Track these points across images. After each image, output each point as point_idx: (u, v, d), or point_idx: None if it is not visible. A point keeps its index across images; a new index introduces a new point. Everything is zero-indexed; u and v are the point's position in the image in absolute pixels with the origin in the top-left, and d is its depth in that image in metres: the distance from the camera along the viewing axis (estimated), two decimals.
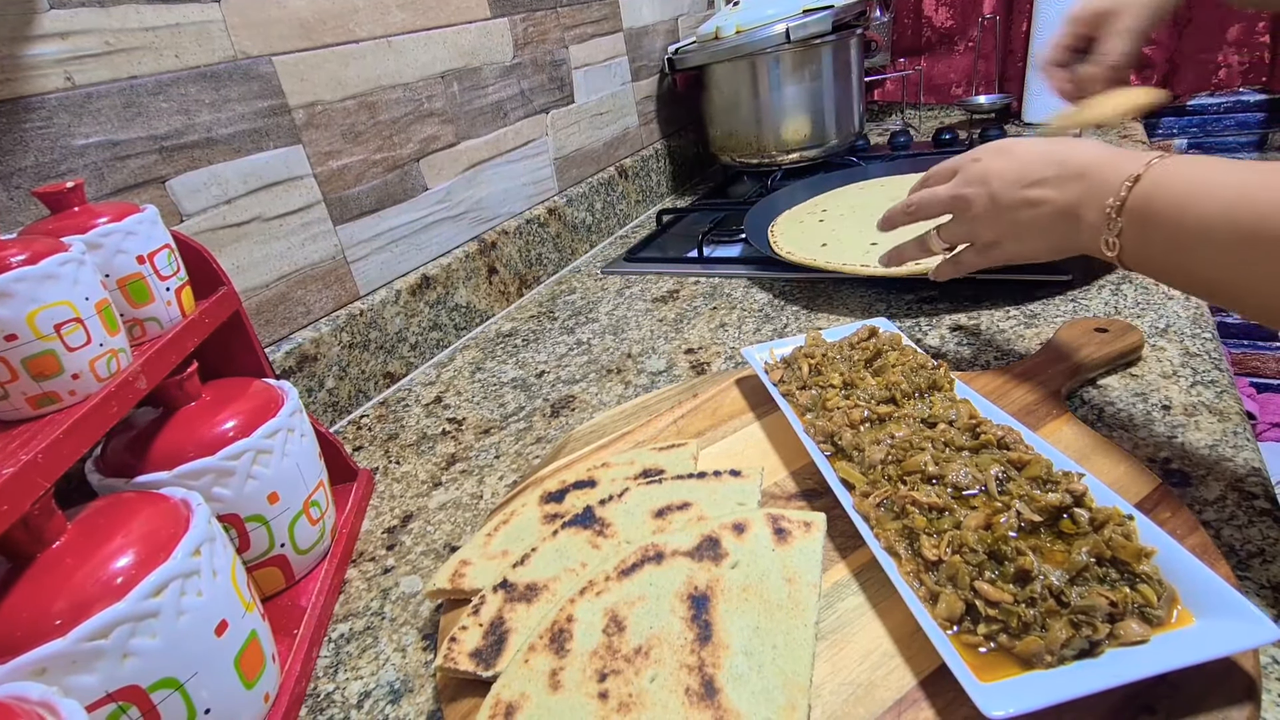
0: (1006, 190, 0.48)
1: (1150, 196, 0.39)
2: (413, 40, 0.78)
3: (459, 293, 0.84)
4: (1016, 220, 0.48)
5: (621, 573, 0.39)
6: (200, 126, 0.59)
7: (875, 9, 1.38)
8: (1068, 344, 0.55)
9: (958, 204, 0.52)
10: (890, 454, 0.42)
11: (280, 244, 0.66)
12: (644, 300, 0.85)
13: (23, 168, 0.49)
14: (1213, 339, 0.56)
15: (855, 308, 0.73)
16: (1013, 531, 0.35)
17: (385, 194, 0.76)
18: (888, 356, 0.52)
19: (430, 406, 0.71)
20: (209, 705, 0.34)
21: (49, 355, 0.35)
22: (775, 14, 1.10)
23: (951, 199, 0.52)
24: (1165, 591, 0.32)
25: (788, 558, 0.38)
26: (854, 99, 1.21)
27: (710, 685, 0.33)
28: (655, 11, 1.24)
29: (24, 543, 0.32)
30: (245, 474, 0.44)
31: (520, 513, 0.48)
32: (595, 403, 0.66)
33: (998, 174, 0.49)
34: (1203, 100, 1.43)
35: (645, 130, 1.25)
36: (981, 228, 0.51)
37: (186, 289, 0.48)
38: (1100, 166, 0.42)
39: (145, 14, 0.55)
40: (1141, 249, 0.40)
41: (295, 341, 0.66)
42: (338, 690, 0.42)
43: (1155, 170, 0.39)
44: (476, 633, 0.38)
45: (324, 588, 0.48)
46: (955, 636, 0.32)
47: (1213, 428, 0.47)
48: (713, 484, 0.46)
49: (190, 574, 0.34)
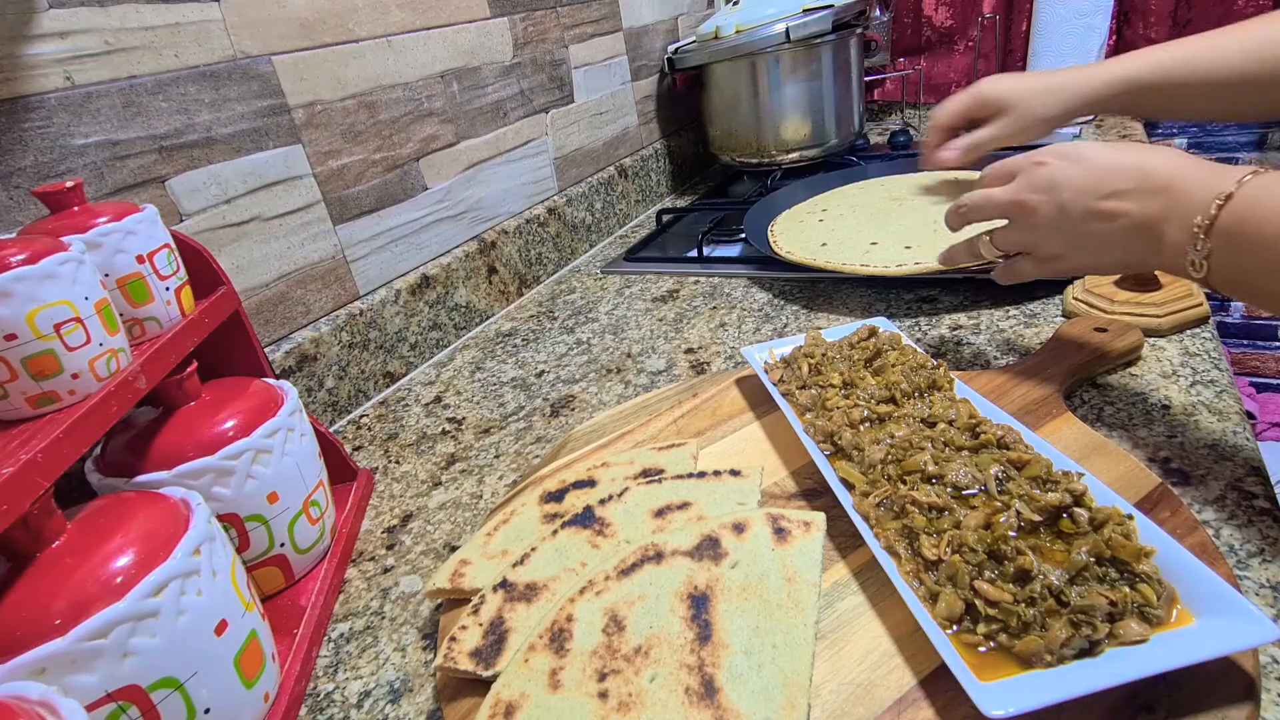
0: (1078, 200, 0.44)
1: (1244, 217, 0.37)
2: (412, 40, 0.78)
3: (459, 292, 0.84)
4: (1087, 233, 0.45)
5: (621, 572, 0.39)
6: (200, 126, 0.59)
7: (875, 8, 1.38)
8: (1067, 344, 0.55)
9: (1018, 210, 0.48)
10: (890, 453, 0.42)
11: (280, 244, 0.66)
12: (644, 300, 0.85)
13: (22, 167, 0.49)
14: (1212, 339, 0.56)
15: (855, 307, 0.73)
16: (1012, 531, 0.35)
17: (385, 194, 0.76)
18: (887, 356, 0.52)
19: (430, 406, 0.71)
20: (209, 705, 0.34)
21: (48, 355, 0.35)
22: (775, 13, 1.10)
23: (1011, 204, 0.48)
24: (1165, 591, 0.32)
25: (787, 557, 0.38)
26: (854, 99, 1.21)
27: (710, 685, 0.33)
28: (655, 11, 1.24)
29: (24, 542, 0.32)
30: (245, 473, 0.44)
31: (520, 512, 0.48)
32: (595, 402, 0.66)
33: (1068, 182, 0.45)
34: None
35: (645, 130, 1.25)
36: (1045, 238, 0.47)
37: (186, 289, 0.48)
38: (1187, 181, 0.40)
39: (145, 13, 0.55)
40: (1232, 271, 0.38)
41: (295, 341, 0.66)
42: (337, 690, 0.42)
43: (1250, 187, 0.37)
44: (476, 632, 0.38)
45: (324, 587, 0.48)
46: (955, 636, 0.32)
47: (1212, 427, 0.47)
48: (712, 484, 0.46)
49: (190, 573, 0.34)
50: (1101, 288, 0.61)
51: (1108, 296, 0.60)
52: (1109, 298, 0.60)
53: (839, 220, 0.86)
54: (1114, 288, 0.60)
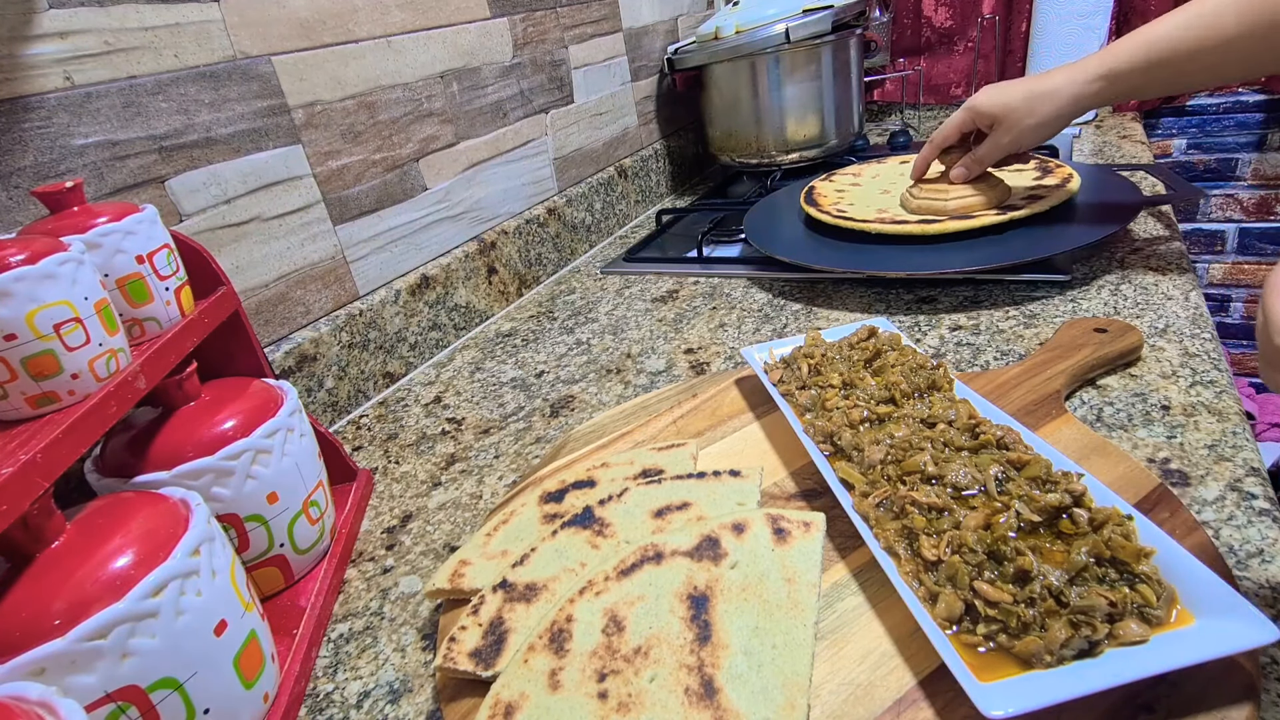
0: None
1: None
2: (412, 40, 0.78)
3: (458, 293, 0.84)
4: None
5: (621, 573, 0.39)
6: (199, 126, 0.59)
7: (875, 9, 1.38)
8: (1067, 344, 0.55)
9: None
10: (890, 454, 0.42)
11: (279, 244, 0.66)
12: (643, 300, 0.85)
13: (22, 167, 0.49)
14: (1212, 339, 0.56)
15: (855, 308, 0.73)
16: (1012, 531, 0.35)
17: (385, 194, 0.76)
18: (887, 356, 0.52)
19: (430, 406, 0.71)
20: (208, 705, 0.34)
21: (48, 355, 0.35)
22: (775, 14, 1.10)
23: None
24: (1164, 591, 0.32)
25: (787, 558, 0.38)
26: (853, 99, 1.21)
27: (710, 685, 0.33)
28: (655, 11, 1.24)
29: (23, 542, 0.32)
30: (244, 474, 0.44)
31: (520, 513, 0.48)
32: (595, 403, 0.66)
33: None
34: (1202, 100, 1.43)
35: (645, 130, 1.25)
36: None
37: (186, 289, 0.48)
38: None
39: (144, 13, 0.55)
40: None
41: (295, 341, 0.66)
42: (337, 690, 0.42)
43: None
44: (476, 632, 0.38)
45: (323, 588, 0.48)
46: (954, 636, 0.32)
47: (1212, 428, 0.47)
48: (712, 484, 0.46)
49: (189, 574, 0.34)
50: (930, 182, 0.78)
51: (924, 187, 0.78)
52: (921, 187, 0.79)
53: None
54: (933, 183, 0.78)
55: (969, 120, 0.73)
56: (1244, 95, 1.40)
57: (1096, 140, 1.16)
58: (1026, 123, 0.68)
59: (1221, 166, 1.46)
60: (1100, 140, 1.16)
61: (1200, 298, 0.62)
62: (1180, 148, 1.48)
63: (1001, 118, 0.70)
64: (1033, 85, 0.68)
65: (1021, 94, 0.68)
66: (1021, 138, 0.69)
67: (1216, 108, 1.43)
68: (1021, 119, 0.68)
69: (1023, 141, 0.70)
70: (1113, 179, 0.82)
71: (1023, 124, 0.68)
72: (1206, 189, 1.49)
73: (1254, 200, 1.47)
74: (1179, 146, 1.48)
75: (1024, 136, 0.69)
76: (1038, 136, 0.69)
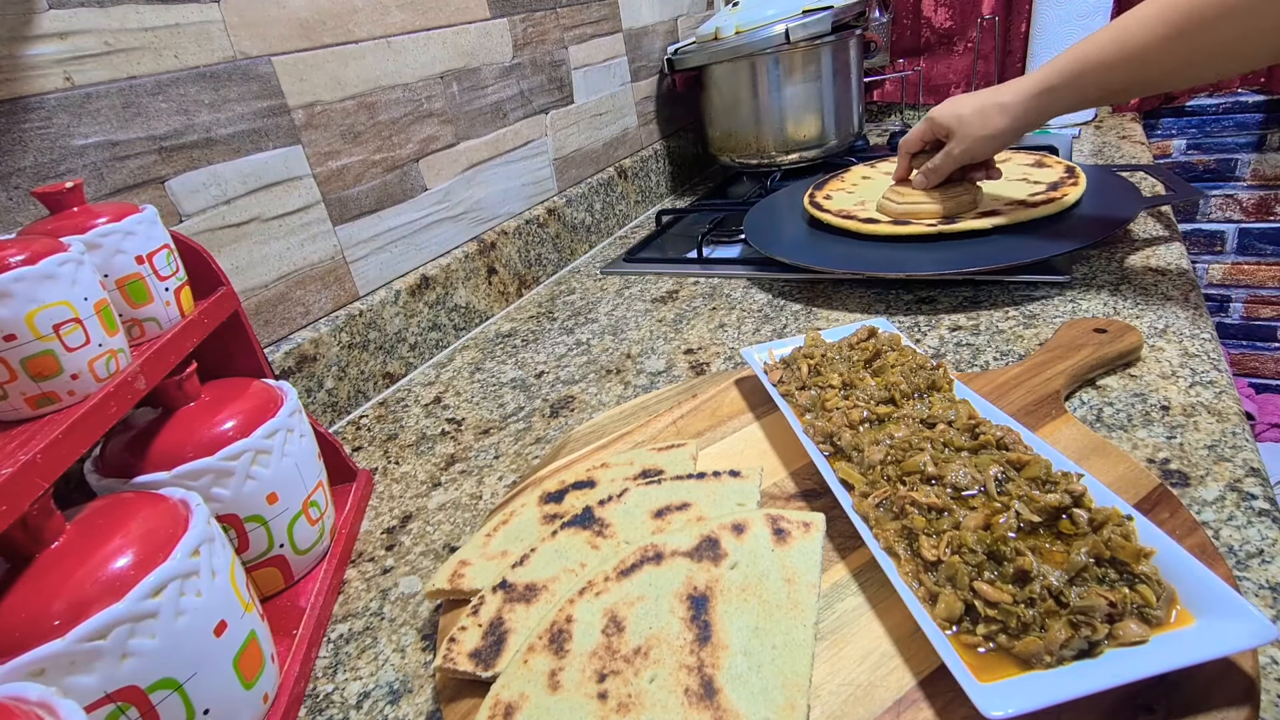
0: None
1: None
2: (412, 40, 0.78)
3: (458, 293, 0.84)
4: None
5: (621, 573, 0.39)
6: (199, 127, 0.59)
7: (874, 9, 1.38)
8: (1067, 344, 0.55)
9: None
10: (889, 454, 0.42)
11: (279, 244, 0.66)
12: (643, 301, 0.85)
13: (22, 168, 0.49)
14: (1211, 339, 0.56)
15: (855, 308, 0.73)
16: (1012, 532, 0.35)
17: (384, 194, 0.76)
18: (887, 357, 0.52)
19: (429, 407, 0.71)
20: (208, 705, 0.34)
21: (48, 355, 0.35)
22: (775, 14, 1.10)
23: None
24: (1164, 592, 0.32)
25: (787, 558, 0.38)
26: (853, 99, 1.21)
27: (709, 685, 0.33)
28: (655, 12, 1.24)
29: (23, 543, 0.32)
30: (244, 474, 0.44)
31: (519, 513, 0.48)
32: (594, 403, 0.66)
33: None
34: (1201, 101, 1.43)
35: (644, 131, 1.25)
36: None
37: (185, 289, 0.48)
38: None
39: (144, 14, 0.55)
40: None
41: (294, 342, 0.66)
42: (337, 691, 0.42)
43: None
44: (475, 633, 0.38)
45: (323, 588, 0.48)
46: (954, 637, 0.32)
47: (1211, 428, 0.47)
48: (712, 484, 0.46)
49: (189, 574, 0.34)
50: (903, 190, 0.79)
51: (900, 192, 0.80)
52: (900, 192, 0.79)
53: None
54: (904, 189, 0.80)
55: (929, 130, 0.76)
56: (1243, 96, 1.40)
57: (1096, 141, 1.16)
58: (978, 134, 0.70)
59: (1221, 167, 1.46)
60: (1100, 141, 1.16)
61: (1200, 298, 0.62)
62: (1180, 148, 1.49)
63: (954, 129, 0.72)
64: (987, 98, 0.70)
65: (974, 106, 0.70)
66: (973, 148, 0.72)
67: (1216, 108, 1.43)
68: (974, 131, 0.70)
69: (975, 152, 0.72)
70: (1112, 179, 0.82)
71: (974, 135, 0.71)
72: (1206, 189, 1.49)
73: (1253, 200, 1.47)
74: (1178, 147, 1.49)
75: (976, 147, 0.72)
76: (991, 148, 0.72)
